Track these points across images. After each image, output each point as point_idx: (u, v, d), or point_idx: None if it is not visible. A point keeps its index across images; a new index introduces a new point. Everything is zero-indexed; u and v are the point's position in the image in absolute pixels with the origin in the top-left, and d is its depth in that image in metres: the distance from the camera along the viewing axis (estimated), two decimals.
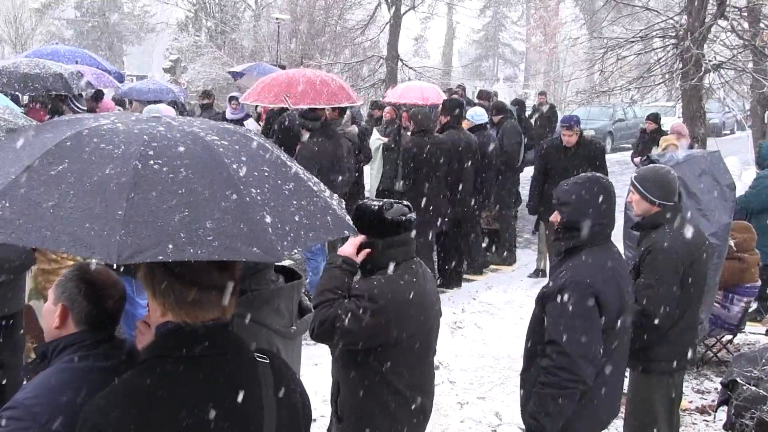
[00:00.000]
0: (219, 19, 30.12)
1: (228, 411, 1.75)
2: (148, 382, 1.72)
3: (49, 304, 2.08)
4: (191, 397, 1.72)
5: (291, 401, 1.91)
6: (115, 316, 2.12)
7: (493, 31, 51.25)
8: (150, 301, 1.82)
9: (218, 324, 1.80)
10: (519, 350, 6.17)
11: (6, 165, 1.75)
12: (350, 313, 2.83)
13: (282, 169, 1.93)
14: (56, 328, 2.05)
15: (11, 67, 8.74)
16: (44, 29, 39.59)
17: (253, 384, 1.82)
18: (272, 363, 1.90)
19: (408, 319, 2.94)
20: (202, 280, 1.75)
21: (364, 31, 23.39)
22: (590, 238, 3.21)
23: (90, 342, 2.02)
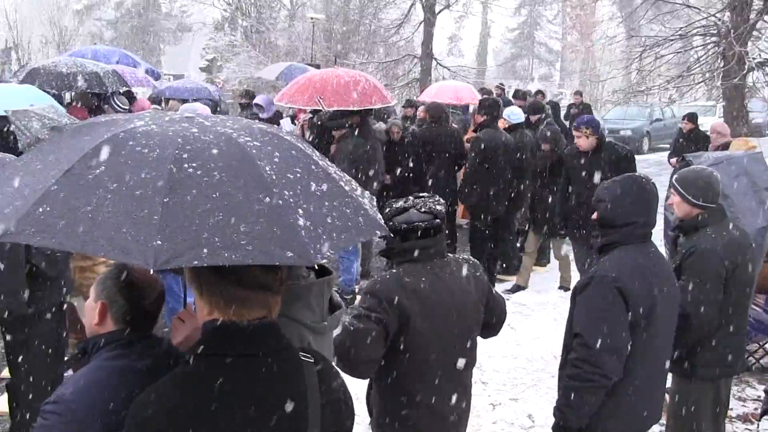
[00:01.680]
0: (255, 18, 30.35)
1: (274, 409, 1.76)
2: (194, 381, 1.74)
3: (90, 301, 2.12)
4: (238, 395, 1.73)
5: (335, 399, 1.92)
6: (153, 315, 2.14)
7: (529, 29, 50.92)
8: (196, 300, 1.84)
9: (264, 323, 1.81)
10: (552, 352, 6.15)
11: (46, 168, 1.78)
12: (343, 332, 2.87)
13: (314, 169, 1.93)
14: (96, 325, 2.08)
15: (51, 67, 8.95)
16: (85, 30, 40.31)
17: (298, 382, 1.83)
18: (317, 362, 1.91)
19: (411, 317, 2.92)
20: (248, 280, 1.75)
21: (398, 30, 23.39)
22: (625, 236, 3.19)
23: (127, 340, 2.05)
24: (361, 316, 2.91)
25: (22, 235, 1.61)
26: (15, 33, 27.14)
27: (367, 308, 2.92)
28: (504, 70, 46.92)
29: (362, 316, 2.91)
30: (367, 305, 2.93)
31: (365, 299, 2.96)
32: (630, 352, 3.06)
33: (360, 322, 2.89)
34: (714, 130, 10.07)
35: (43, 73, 8.68)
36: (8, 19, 27.50)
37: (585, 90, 28.45)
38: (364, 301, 2.96)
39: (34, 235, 1.60)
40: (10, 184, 1.79)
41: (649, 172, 9.16)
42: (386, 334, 2.91)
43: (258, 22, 29.97)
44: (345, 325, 2.91)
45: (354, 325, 2.89)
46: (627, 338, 3.05)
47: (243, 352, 1.77)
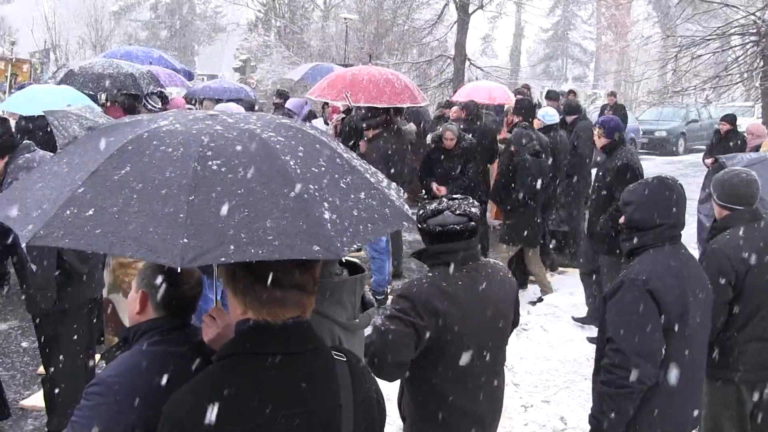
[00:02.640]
0: (288, 19, 30.52)
1: (307, 409, 1.77)
2: (228, 379, 1.74)
3: (132, 292, 2.19)
4: (271, 395, 1.73)
5: (367, 398, 1.92)
6: (192, 303, 2.21)
7: (563, 30, 50.52)
8: (230, 299, 1.84)
9: (298, 322, 1.81)
10: (585, 354, 6.09)
11: (72, 171, 1.80)
12: (374, 333, 2.87)
13: (338, 162, 1.92)
14: (137, 313, 2.15)
15: (87, 67, 9.12)
16: (121, 31, 40.92)
17: (331, 382, 1.83)
18: (349, 361, 1.91)
19: (445, 321, 2.90)
20: (283, 280, 1.75)
21: (431, 30, 23.34)
22: (653, 239, 3.15)
23: (167, 327, 2.12)
24: (393, 318, 2.90)
25: (50, 237, 1.63)
26: (53, 34, 27.63)
27: (399, 310, 2.90)
28: (537, 70, 46.62)
29: (394, 317, 2.90)
30: (400, 307, 2.91)
31: (399, 301, 2.94)
32: (664, 357, 3.02)
33: (392, 324, 2.88)
34: (749, 131, 9.92)
35: (80, 74, 8.84)
36: (47, 21, 28.00)
37: (619, 91, 28.18)
38: (398, 303, 2.94)
39: (63, 238, 1.62)
40: (38, 188, 1.82)
41: (683, 173, 9.07)
42: (418, 339, 2.89)
43: (291, 22, 30.14)
44: (376, 326, 2.91)
45: (385, 326, 2.88)
46: (660, 342, 3.00)
47: (276, 351, 1.77)
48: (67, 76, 9.04)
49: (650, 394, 3.03)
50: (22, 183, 1.93)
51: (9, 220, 1.77)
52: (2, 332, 6.56)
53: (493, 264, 3.19)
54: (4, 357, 6.06)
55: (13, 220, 1.75)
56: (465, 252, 3.01)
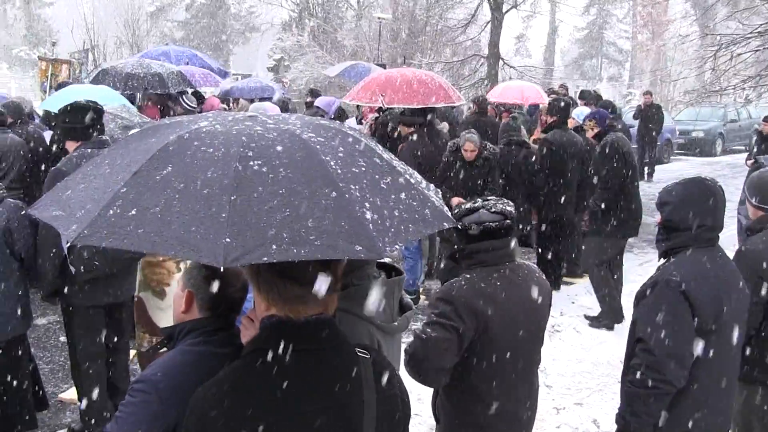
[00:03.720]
0: (322, 18, 30.63)
1: (329, 405, 1.78)
2: (251, 374, 1.77)
3: (177, 290, 2.22)
4: (293, 390, 1.75)
5: (391, 397, 1.92)
6: (237, 305, 2.23)
7: (598, 29, 49.97)
8: (255, 296, 1.87)
9: (321, 319, 1.83)
10: (619, 356, 6.01)
11: (114, 171, 1.82)
12: (417, 339, 2.89)
13: (378, 162, 1.93)
14: (182, 312, 2.18)
15: (118, 67, 9.29)
16: (158, 31, 41.39)
17: (354, 379, 1.84)
18: (373, 358, 1.92)
19: (485, 324, 2.90)
20: (303, 277, 1.77)
21: (465, 30, 23.25)
22: (690, 240, 3.10)
23: (212, 328, 2.14)
24: (434, 324, 2.89)
25: (94, 237, 1.65)
26: (92, 35, 28.04)
27: (440, 315, 2.90)
28: (572, 70, 46.14)
29: (436, 323, 2.89)
30: (441, 312, 2.90)
31: (438, 305, 2.93)
32: (696, 359, 2.97)
33: (434, 331, 2.87)
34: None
35: (111, 74, 9.01)
36: (86, 22, 28.43)
37: (655, 90, 27.75)
38: (437, 307, 2.93)
39: (107, 237, 1.64)
40: (81, 189, 1.85)
41: (722, 174, 8.93)
42: (460, 343, 2.89)
43: (325, 22, 30.23)
44: (417, 333, 2.90)
45: (427, 334, 2.88)
46: (692, 344, 2.96)
47: (299, 347, 1.79)
48: (100, 75, 9.20)
49: (680, 396, 2.99)
50: (65, 183, 1.96)
51: (53, 219, 1.80)
52: (41, 327, 6.69)
53: (528, 265, 3.19)
54: (43, 351, 6.19)
55: (57, 220, 1.78)
56: (502, 251, 3.01)
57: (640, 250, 10.42)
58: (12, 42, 45.45)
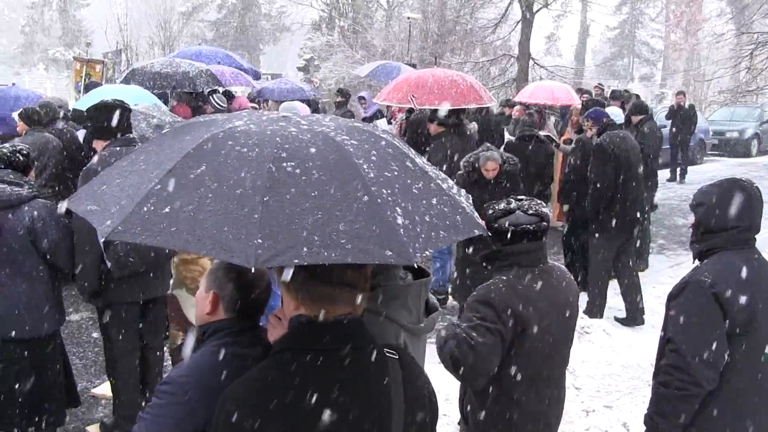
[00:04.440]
0: (351, 18, 30.69)
1: (357, 404, 1.78)
2: (280, 373, 1.78)
3: (201, 291, 2.21)
4: (322, 389, 1.75)
5: (419, 397, 1.92)
6: (261, 305, 2.24)
7: (630, 28, 49.43)
8: (284, 295, 1.88)
9: (350, 319, 1.83)
10: (649, 359, 5.94)
11: (149, 168, 1.84)
12: (462, 345, 2.87)
13: (410, 167, 1.93)
14: (207, 314, 2.18)
15: (148, 67, 9.40)
16: (189, 31, 41.79)
17: (382, 379, 1.84)
18: (401, 358, 1.92)
19: (523, 325, 2.89)
20: (334, 277, 1.78)
21: (495, 29, 23.15)
22: (724, 242, 3.05)
23: (237, 329, 2.14)
24: (480, 328, 2.88)
25: (128, 233, 1.67)
26: (125, 35, 28.42)
27: (483, 318, 2.89)
28: (603, 70, 45.67)
29: (479, 327, 2.88)
30: (483, 315, 2.90)
31: (479, 308, 2.93)
32: (727, 363, 2.93)
33: (480, 336, 2.87)
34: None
35: (141, 74, 9.11)
36: (120, 22, 28.81)
37: (688, 90, 27.42)
38: (478, 310, 2.93)
39: (140, 234, 1.65)
40: (116, 184, 1.87)
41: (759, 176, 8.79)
42: (503, 346, 2.89)
43: (355, 22, 30.30)
44: (464, 338, 2.89)
45: (475, 339, 2.87)
46: (723, 347, 2.91)
47: (328, 347, 1.80)
48: (130, 75, 9.31)
49: (710, 399, 2.94)
50: (100, 178, 1.98)
51: (88, 214, 1.83)
52: (74, 323, 6.79)
53: (559, 266, 3.18)
54: (76, 347, 6.29)
55: (92, 214, 1.81)
56: (537, 253, 3.01)
57: (672, 251, 10.30)
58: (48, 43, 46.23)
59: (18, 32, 50.55)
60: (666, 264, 9.43)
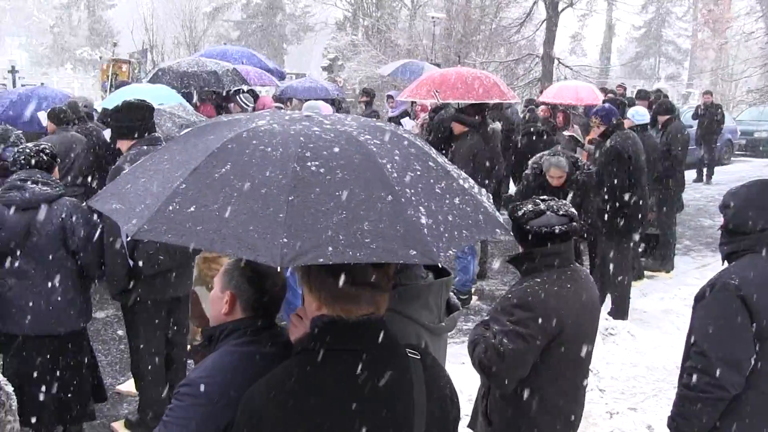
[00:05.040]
0: (376, 18, 30.71)
1: (379, 405, 1.78)
2: (302, 373, 1.78)
3: (216, 291, 2.20)
4: (343, 390, 1.76)
5: (441, 397, 1.92)
6: (278, 304, 2.23)
7: (656, 27, 48.96)
8: (306, 295, 1.87)
9: (372, 319, 1.83)
10: (675, 362, 5.88)
11: (173, 168, 1.85)
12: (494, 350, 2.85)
13: (433, 166, 1.93)
14: (225, 314, 2.17)
15: (175, 66, 9.46)
16: (214, 31, 42.08)
17: (404, 379, 1.84)
18: (423, 359, 1.92)
19: (561, 327, 2.88)
20: (356, 277, 1.77)
21: (520, 29, 23.05)
22: (753, 243, 3.00)
23: (255, 328, 2.13)
24: (511, 333, 2.86)
25: (154, 232, 1.68)
26: (151, 35, 28.69)
27: (518, 323, 2.87)
28: (628, 69, 45.27)
29: (513, 332, 2.86)
30: (518, 319, 2.88)
31: (513, 312, 2.91)
32: (754, 368, 2.88)
33: (511, 342, 2.85)
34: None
35: (168, 73, 9.17)
36: (146, 22, 29.09)
37: (715, 90, 27.08)
38: (512, 314, 2.91)
39: (166, 233, 1.67)
40: (141, 183, 1.88)
41: None
42: (537, 351, 2.88)
43: (379, 21, 30.32)
44: (493, 345, 2.87)
45: (504, 346, 2.85)
46: (748, 351, 2.86)
47: (350, 346, 1.80)
48: (157, 74, 9.39)
49: (735, 404, 2.89)
50: (125, 177, 2.00)
51: (113, 212, 1.84)
52: (100, 320, 6.86)
53: (581, 268, 3.17)
54: (102, 344, 6.36)
55: (117, 213, 1.82)
56: (568, 254, 3.01)
57: (698, 253, 10.19)
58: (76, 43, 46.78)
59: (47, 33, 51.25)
60: (692, 266, 9.33)
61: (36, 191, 4.15)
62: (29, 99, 8.99)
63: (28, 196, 4.13)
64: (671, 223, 9.20)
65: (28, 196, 4.13)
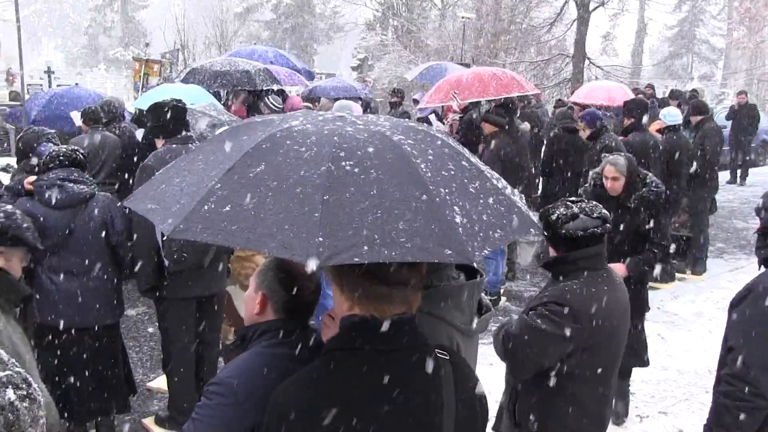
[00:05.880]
0: (406, 18, 30.71)
1: (409, 406, 1.78)
2: (332, 373, 1.78)
3: (250, 292, 2.21)
4: (373, 390, 1.76)
5: (470, 399, 1.91)
6: (311, 306, 2.22)
7: (689, 26, 48.31)
8: (336, 295, 1.87)
9: (403, 318, 1.82)
10: (707, 366, 5.83)
11: (208, 168, 1.86)
12: (522, 324, 2.85)
13: (466, 166, 1.92)
14: (256, 314, 2.17)
15: (207, 66, 9.52)
16: (244, 31, 42.38)
17: (434, 380, 1.83)
18: (452, 360, 1.91)
19: (597, 328, 2.87)
20: (390, 276, 1.77)
21: (550, 29, 22.90)
22: None
23: (286, 329, 2.13)
24: (544, 317, 2.87)
25: (190, 231, 1.68)
26: (182, 35, 28.96)
27: (552, 312, 2.88)
28: (661, 69, 44.72)
29: (545, 317, 2.87)
30: (553, 310, 2.89)
31: (552, 307, 2.91)
32: None
33: (543, 323, 2.86)
34: None
35: (200, 73, 9.25)
36: (177, 23, 29.37)
37: (751, 90, 26.69)
38: (551, 309, 2.91)
39: (201, 232, 1.67)
40: (175, 183, 1.89)
41: None
42: (564, 346, 2.87)
43: (409, 21, 30.31)
44: (525, 319, 2.88)
45: (536, 323, 2.86)
46: None
47: (381, 347, 1.79)
48: (190, 74, 9.47)
49: None
50: (159, 178, 2.01)
51: (149, 212, 1.86)
52: (131, 317, 6.95)
53: (614, 270, 3.16)
54: (133, 341, 6.43)
55: (152, 213, 1.84)
56: (602, 255, 3.00)
57: (731, 255, 10.04)
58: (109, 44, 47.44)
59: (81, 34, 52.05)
60: (725, 268, 9.19)
61: (75, 190, 4.31)
62: (63, 99, 9.14)
63: (68, 194, 4.28)
64: (704, 225, 9.07)
65: (68, 195, 4.28)
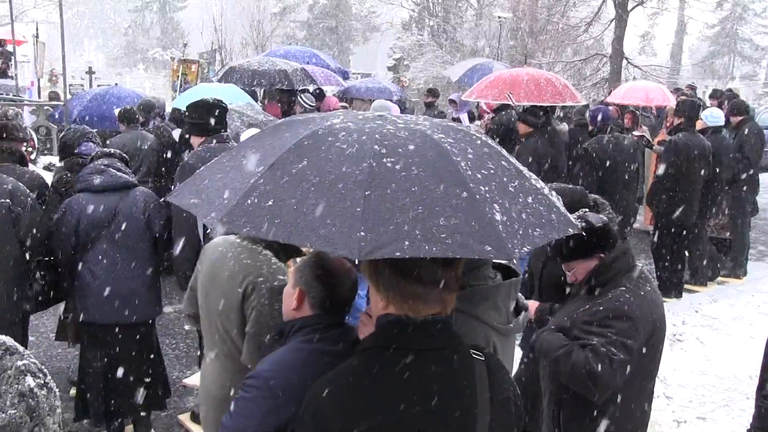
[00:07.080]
0: (442, 18, 30.64)
1: (443, 406, 1.77)
2: (367, 371, 1.78)
3: (288, 287, 2.25)
4: (407, 390, 1.75)
5: (504, 400, 1.90)
6: (347, 303, 2.25)
7: (731, 25, 47.46)
8: (372, 294, 1.88)
9: (438, 318, 1.82)
10: (747, 371, 5.72)
11: (251, 163, 1.89)
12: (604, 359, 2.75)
13: (505, 165, 1.92)
14: (293, 309, 2.21)
15: (245, 65, 9.64)
16: (281, 31, 42.67)
17: (468, 381, 1.82)
18: (487, 361, 1.90)
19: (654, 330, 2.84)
20: (425, 275, 1.77)
21: (587, 28, 22.67)
22: None
23: (323, 325, 2.16)
24: (617, 344, 2.79)
25: (233, 224, 1.71)
26: (220, 36, 29.26)
27: (620, 333, 2.80)
28: (700, 69, 44.01)
29: (618, 343, 2.79)
30: (619, 330, 2.80)
31: (614, 324, 2.82)
32: None
33: (620, 352, 2.78)
34: None
35: (238, 72, 9.36)
36: (215, 23, 29.69)
37: None
38: (612, 326, 2.82)
39: (245, 225, 1.70)
40: (218, 179, 1.92)
41: None
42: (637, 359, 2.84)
43: (445, 21, 30.24)
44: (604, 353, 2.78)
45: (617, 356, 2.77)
46: None
47: (416, 346, 1.79)
48: (227, 73, 9.58)
49: None
50: (201, 174, 2.05)
51: (192, 207, 1.90)
52: (167, 315, 7.03)
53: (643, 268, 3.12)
54: (170, 338, 6.52)
55: (196, 207, 1.88)
56: (631, 252, 2.96)
57: None
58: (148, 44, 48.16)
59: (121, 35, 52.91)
60: (766, 272, 9.02)
61: (118, 175, 4.34)
62: (104, 99, 9.31)
63: (111, 177, 4.30)
64: (745, 228, 8.90)
65: (111, 178, 4.30)
